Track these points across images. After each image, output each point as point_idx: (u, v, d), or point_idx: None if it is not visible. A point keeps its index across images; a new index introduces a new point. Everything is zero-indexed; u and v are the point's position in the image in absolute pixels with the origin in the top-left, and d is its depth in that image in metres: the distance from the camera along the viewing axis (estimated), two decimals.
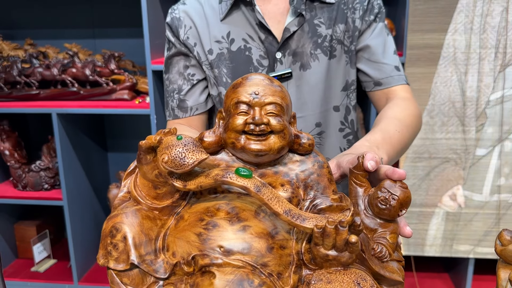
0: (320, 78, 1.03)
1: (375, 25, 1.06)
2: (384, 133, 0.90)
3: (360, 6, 1.05)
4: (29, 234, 2.33)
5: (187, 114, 1.09)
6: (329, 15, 1.03)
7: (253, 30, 1.03)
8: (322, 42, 1.03)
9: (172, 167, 0.50)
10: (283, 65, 1.03)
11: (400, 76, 1.07)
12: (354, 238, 0.46)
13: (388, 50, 1.06)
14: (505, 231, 0.60)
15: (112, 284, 0.52)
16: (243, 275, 0.46)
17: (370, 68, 1.07)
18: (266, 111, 0.54)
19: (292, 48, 1.02)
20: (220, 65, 1.04)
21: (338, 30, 1.03)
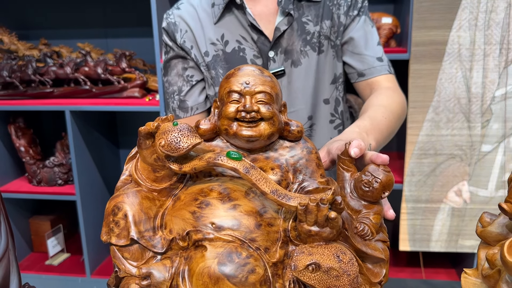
0: (310, 73, 1.08)
1: (358, 19, 1.10)
2: (372, 119, 0.94)
3: (345, 3, 1.09)
4: (44, 229, 2.39)
5: (188, 114, 1.13)
6: (316, 12, 1.07)
7: (245, 32, 1.07)
8: (311, 39, 1.07)
9: (168, 151, 0.54)
10: (276, 63, 1.07)
11: (382, 66, 1.11)
12: (333, 214, 0.50)
13: (370, 42, 1.11)
14: (485, 213, 0.63)
15: (114, 259, 0.56)
16: (232, 248, 0.51)
17: (353, 60, 1.11)
18: (256, 99, 0.58)
19: (284, 46, 1.07)
20: (216, 66, 1.08)
21: (324, 26, 1.08)
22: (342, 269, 0.48)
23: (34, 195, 2.18)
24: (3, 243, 0.54)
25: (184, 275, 0.51)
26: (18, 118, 2.23)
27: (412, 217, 2.06)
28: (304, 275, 0.48)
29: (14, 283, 0.55)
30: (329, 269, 0.48)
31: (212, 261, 0.49)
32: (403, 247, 2.10)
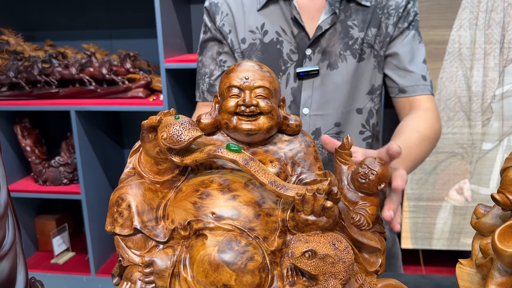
0: (346, 79, 1.04)
1: (407, 33, 1.06)
2: (404, 145, 0.88)
3: (395, 13, 1.04)
4: (49, 228, 2.41)
5: (211, 98, 1.10)
6: (364, 18, 1.04)
7: (287, 24, 1.04)
8: (353, 44, 1.03)
9: (170, 143, 0.56)
10: (312, 61, 1.04)
11: (425, 86, 1.07)
12: (329, 203, 0.51)
13: (416, 58, 1.07)
14: (480, 205, 0.65)
15: (118, 248, 0.58)
16: (232, 237, 0.52)
17: (396, 74, 1.07)
18: (255, 94, 0.60)
19: (323, 46, 1.03)
20: (251, 55, 1.07)
21: (370, 33, 1.04)
22: (337, 256, 0.50)
23: (40, 194, 2.21)
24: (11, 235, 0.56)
25: (185, 263, 0.53)
26: (24, 118, 2.26)
27: (414, 215, 2.08)
28: (300, 262, 0.50)
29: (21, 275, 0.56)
30: (325, 256, 0.49)
31: (212, 249, 0.51)
32: (405, 245, 2.12)
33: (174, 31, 2.01)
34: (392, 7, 1.05)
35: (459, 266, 0.64)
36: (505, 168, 0.56)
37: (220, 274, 0.50)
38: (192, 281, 0.52)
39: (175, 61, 1.92)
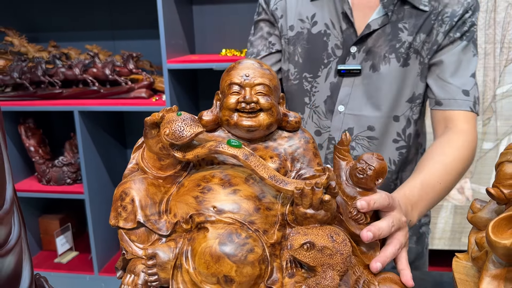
0: (387, 83, 1.01)
1: (458, 43, 0.99)
2: (425, 185, 0.86)
3: (449, 21, 0.98)
4: (53, 227, 2.42)
5: None
6: (416, 22, 0.98)
7: (336, 18, 1.02)
8: (399, 48, 0.99)
9: (172, 139, 0.57)
10: (355, 59, 1.02)
11: (465, 101, 0.98)
12: (327, 196, 0.53)
13: (462, 71, 0.99)
14: (476, 200, 0.66)
15: (121, 242, 0.60)
16: (232, 230, 0.54)
17: (436, 84, 1.01)
18: (255, 91, 0.61)
19: (368, 45, 1.01)
20: (297, 43, 1.06)
21: (418, 39, 0.99)
22: (335, 248, 0.51)
23: (44, 194, 2.23)
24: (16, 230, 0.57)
25: (187, 255, 0.54)
26: (28, 119, 2.28)
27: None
28: (299, 254, 0.51)
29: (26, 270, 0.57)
30: (323, 248, 0.51)
31: (214, 241, 0.53)
32: None
33: (176, 32, 2.03)
34: (447, 14, 0.98)
35: (456, 259, 0.65)
36: (500, 162, 0.57)
37: (221, 266, 0.52)
38: (194, 273, 0.53)
39: (178, 62, 1.94)
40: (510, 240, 0.48)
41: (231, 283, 0.52)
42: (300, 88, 1.09)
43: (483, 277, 0.55)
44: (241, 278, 0.52)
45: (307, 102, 1.09)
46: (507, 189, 0.55)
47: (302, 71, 1.07)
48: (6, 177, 0.48)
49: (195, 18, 2.27)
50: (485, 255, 0.58)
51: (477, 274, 0.60)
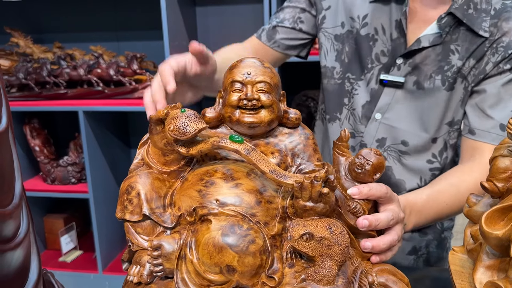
0: (429, 103, 0.98)
1: (506, 75, 0.95)
2: (430, 199, 0.87)
3: (503, 51, 0.93)
4: (57, 226, 2.44)
5: (265, 41, 1.11)
6: (469, 46, 0.94)
7: (389, 24, 0.99)
8: (447, 71, 0.96)
9: (176, 135, 0.59)
10: (400, 71, 0.99)
11: (499, 136, 0.95)
12: (325, 189, 0.55)
13: (503, 104, 0.95)
14: (472, 195, 0.68)
15: (128, 234, 0.62)
16: (235, 222, 0.56)
17: (473, 113, 0.98)
18: (257, 88, 0.63)
19: (416, 61, 0.97)
20: (345, 42, 1.03)
21: (467, 64, 0.96)
22: (333, 239, 0.53)
23: (48, 194, 2.25)
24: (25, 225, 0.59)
25: (191, 246, 0.56)
26: (33, 119, 2.31)
27: None
28: (298, 244, 0.53)
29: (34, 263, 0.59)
30: (321, 238, 0.53)
31: (216, 232, 0.55)
32: None
33: (180, 33, 2.05)
34: (503, 44, 0.93)
35: (452, 252, 0.67)
36: (494, 157, 0.59)
37: (224, 256, 0.54)
38: (197, 263, 0.55)
39: None
40: (502, 231, 0.50)
41: (233, 272, 0.54)
42: (341, 88, 1.08)
43: (477, 267, 0.56)
44: (243, 268, 0.54)
45: (346, 103, 1.08)
46: (500, 183, 0.57)
47: (347, 71, 1.06)
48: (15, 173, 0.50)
49: (198, 19, 2.30)
50: (479, 247, 0.59)
51: (472, 266, 0.62)
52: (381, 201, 0.68)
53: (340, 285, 0.53)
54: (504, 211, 0.51)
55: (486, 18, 0.93)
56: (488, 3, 0.94)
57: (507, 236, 0.50)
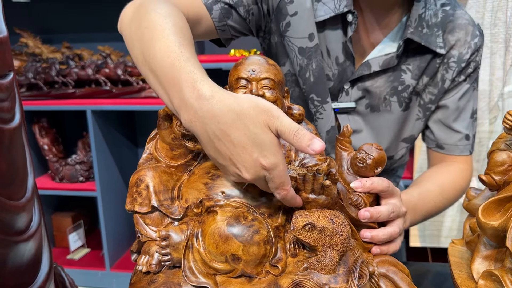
0: (387, 126, 0.96)
1: (462, 85, 0.94)
2: (421, 198, 0.88)
3: (456, 67, 0.92)
4: (65, 224, 2.48)
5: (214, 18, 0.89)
6: (420, 63, 0.91)
7: (335, 45, 0.91)
8: (402, 91, 0.93)
9: (184, 130, 0.62)
10: (349, 96, 0.94)
11: (466, 146, 0.99)
12: (327, 182, 0.57)
13: (464, 114, 0.97)
14: (471, 188, 0.69)
15: (137, 225, 0.64)
16: (240, 213, 0.58)
17: (439, 129, 0.99)
18: (261, 85, 0.65)
19: (366, 85, 0.93)
20: (313, 58, 0.92)
21: (421, 82, 0.93)
22: (335, 230, 0.55)
23: (57, 192, 2.28)
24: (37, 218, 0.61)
25: (198, 236, 0.58)
26: (42, 118, 2.34)
27: None
28: (301, 234, 0.55)
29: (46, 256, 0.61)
30: (323, 228, 0.55)
31: (222, 223, 0.57)
32: (414, 243, 2.14)
33: None
34: (454, 59, 0.91)
35: (451, 244, 0.69)
36: (491, 151, 0.61)
37: (229, 245, 0.56)
38: (204, 252, 0.57)
39: None
40: (498, 221, 0.52)
41: (238, 261, 0.56)
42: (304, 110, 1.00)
43: (474, 258, 0.58)
44: (248, 257, 0.56)
45: None
46: (498, 176, 0.58)
47: (311, 91, 0.94)
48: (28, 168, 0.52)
49: None
50: (477, 238, 0.61)
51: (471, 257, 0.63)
52: (383, 195, 0.69)
53: (341, 273, 0.55)
54: (501, 202, 0.53)
55: (438, 32, 0.90)
56: (436, 16, 0.91)
57: (503, 226, 0.51)
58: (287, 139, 0.52)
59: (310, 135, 0.51)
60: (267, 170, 0.53)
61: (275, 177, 0.53)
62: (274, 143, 0.52)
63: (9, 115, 0.46)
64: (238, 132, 0.52)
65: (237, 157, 0.53)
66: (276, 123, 0.52)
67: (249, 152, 0.52)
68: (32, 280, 0.52)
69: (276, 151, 0.52)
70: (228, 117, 0.52)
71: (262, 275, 0.57)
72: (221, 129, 0.52)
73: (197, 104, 0.53)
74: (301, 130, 0.51)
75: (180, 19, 0.67)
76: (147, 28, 0.63)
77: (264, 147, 0.52)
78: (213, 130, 0.53)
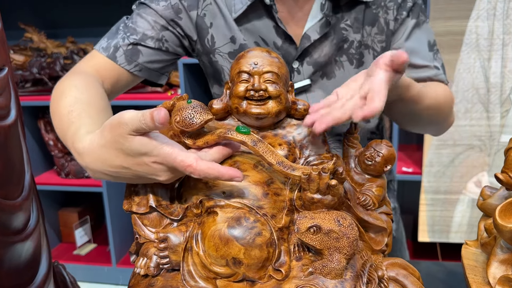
0: None
1: (407, 23, 0.91)
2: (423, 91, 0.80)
3: (394, 4, 0.90)
4: (72, 220, 2.49)
5: (123, 63, 0.89)
6: (357, 15, 0.89)
7: (268, 33, 0.90)
8: (349, 48, 0.90)
9: (183, 126, 0.59)
10: (301, 74, 0.91)
11: (439, 76, 0.92)
12: (333, 181, 0.53)
13: (421, 49, 0.92)
14: (486, 187, 0.66)
15: (135, 226, 0.61)
16: (241, 214, 0.55)
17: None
18: (264, 79, 0.62)
19: (314, 57, 0.90)
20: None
21: (365, 33, 0.90)
22: (341, 232, 0.52)
23: (63, 187, 2.28)
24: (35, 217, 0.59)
25: (197, 238, 0.55)
26: (47, 113, 2.33)
27: (431, 208, 2.06)
28: (306, 237, 0.52)
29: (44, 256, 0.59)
30: (329, 231, 0.52)
31: (223, 224, 0.54)
32: (422, 238, 2.11)
33: None
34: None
35: (465, 246, 0.65)
36: (509, 148, 0.57)
37: (230, 248, 0.53)
38: (203, 255, 0.54)
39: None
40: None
41: (240, 265, 0.53)
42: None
43: (491, 262, 0.55)
44: (249, 261, 0.53)
45: None
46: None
47: None
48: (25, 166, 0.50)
49: None
50: (493, 241, 0.58)
51: (486, 260, 0.60)
52: None
53: (349, 278, 0.52)
54: None
55: None
56: None
57: None
58: (138, 126, 0.54)
59: (150, 111, 0.53)
60: (162, 163, 0.56)
61: (169, 161, 0.55)
62: (143, 142, 0.55)
63: (3, 112, 0.44)
64: (118, 158, 0.57)
65: (140, 172, 0.57)
66: (128, 127, 0.55)
67: (139, 163, 0.57)
68: (30, 280, 0.51)
69: (149, 144, 0.55)
70: (104, 153, 0.59)
71: (265, 279, 0.54)
72: (109, 165, 0.59)
73: (80, 159, 0.64)
74: (144, 112, 0.54)
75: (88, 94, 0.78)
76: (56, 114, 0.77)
77: (141, 151, 0.55)
78: (106, 169, 0.60)
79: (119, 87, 0.93)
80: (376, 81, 0.61)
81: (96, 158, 0.60)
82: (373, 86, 0.61)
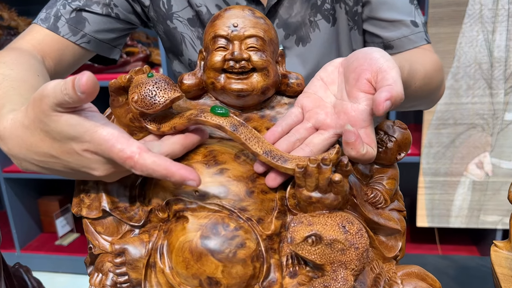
0: (323, 52, 0.82)
1: None
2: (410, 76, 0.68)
3: None
4: (52, 209, 2.39)
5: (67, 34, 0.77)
6: None
7: None
8: (322, 5, 0.80)
9: (142, 107, 0.46)
10: None
11: (418, 34, 0.82)
12: (338, 176, 0.41)
13: (398, 1, 0.81)
14: None
15: (87, 234, 0.49)
16: (218, 219, 0.43)
17: (376, 27, 0.82)
18: (246, 45, 0.49)
19: (283, 18, 0.80)
20: (196, 26, 0.81)
21: None
22: (348, 242, 0.40)
23: (42, 175, 2.16)
24: None
25: (162, 251, 0.43)
26: None
27: (430, 191, 1.99)
28: (302, 249, 0.40)
29: None
30: (332, 241, 0.40)
31: (194, 234, 0.42)
32: (421, 223, 2.03)
33: None
34: None
35: (494, 249, 0.54)
36: None
37: (204, 265, 0.41)
38: (170, 273, 0.42)
39: None
40: None
41: (217, 286, 0.41)
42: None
43: None
44: (230, 280, 0.41)
45: None
46: None
47: None
48: None
49: None
50: None
51: None
52: None
53: None
54: None
55: None
56: None
57: None
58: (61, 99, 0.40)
59: (73, 77, 0.39)
60: (96, 153, 0.42)
61: (104, 151, 0.41)
62: (70, 122, 0.41)
63: None
64: (44, 143, 0.43)
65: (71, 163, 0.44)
66: (50, 100, 0.40)
67: (69, 151, 0.43)
68: None
69: (78, 126, 0.41)
70: (28, 136, 0.44)
71: None
72: (34, 152, 0.45)
73: (2, 143, 0.48)
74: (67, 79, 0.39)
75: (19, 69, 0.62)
76: None
77: (70, 134, 0.42)
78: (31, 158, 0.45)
79: (66, 65, 0.79)
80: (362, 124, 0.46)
81: (19, 143, 0.45)
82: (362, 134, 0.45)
